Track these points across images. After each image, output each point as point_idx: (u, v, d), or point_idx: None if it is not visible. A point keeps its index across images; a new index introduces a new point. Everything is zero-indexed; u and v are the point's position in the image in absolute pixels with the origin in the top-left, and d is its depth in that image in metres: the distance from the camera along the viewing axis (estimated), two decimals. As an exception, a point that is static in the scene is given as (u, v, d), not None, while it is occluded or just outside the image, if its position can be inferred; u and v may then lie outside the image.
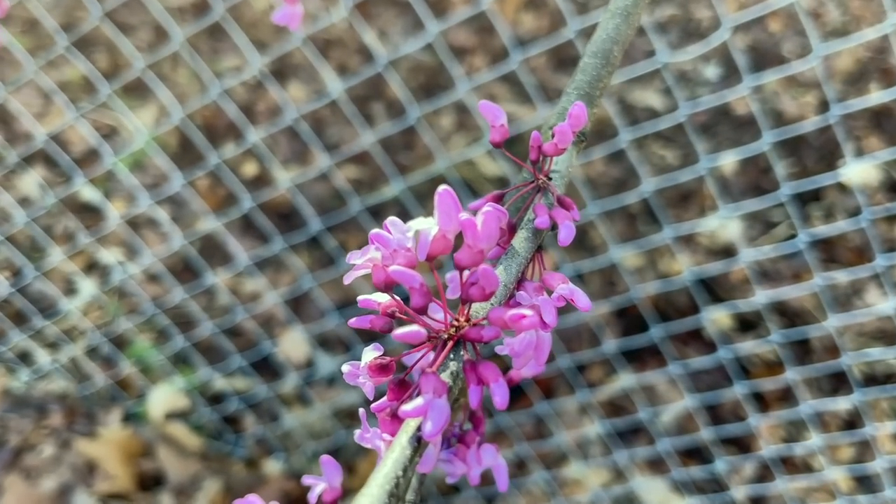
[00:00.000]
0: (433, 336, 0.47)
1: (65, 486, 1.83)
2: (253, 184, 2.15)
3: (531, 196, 0.57)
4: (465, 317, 0.47)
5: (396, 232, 0.49)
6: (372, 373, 0.47)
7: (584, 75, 0.61)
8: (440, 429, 0.41)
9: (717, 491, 1.81)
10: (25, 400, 1.99)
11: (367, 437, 0.47)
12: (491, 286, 0.45)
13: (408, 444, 0.42)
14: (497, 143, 0.58)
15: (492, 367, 0.45)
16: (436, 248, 0.48)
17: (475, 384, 0.45)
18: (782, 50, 2.38)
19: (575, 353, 1.76)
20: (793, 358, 1.65)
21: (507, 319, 0.43)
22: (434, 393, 0.42)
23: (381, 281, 0.48)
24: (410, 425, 0.43)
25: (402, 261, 0.48)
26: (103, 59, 2.36)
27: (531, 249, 0.53)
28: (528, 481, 1.88)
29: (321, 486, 0.60)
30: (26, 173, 2.11)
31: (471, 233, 0.46)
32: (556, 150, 0.55)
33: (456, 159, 1.92)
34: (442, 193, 0.46)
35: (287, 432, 1.95)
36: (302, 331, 1.95)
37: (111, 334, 1.97)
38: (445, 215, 0.47)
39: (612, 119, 1.91)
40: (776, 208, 2.03)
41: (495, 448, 0.60)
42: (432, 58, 2.39)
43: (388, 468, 0.41)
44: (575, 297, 0.50)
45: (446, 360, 0.46)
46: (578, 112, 0.54)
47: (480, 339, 0.46)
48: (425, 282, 0.46)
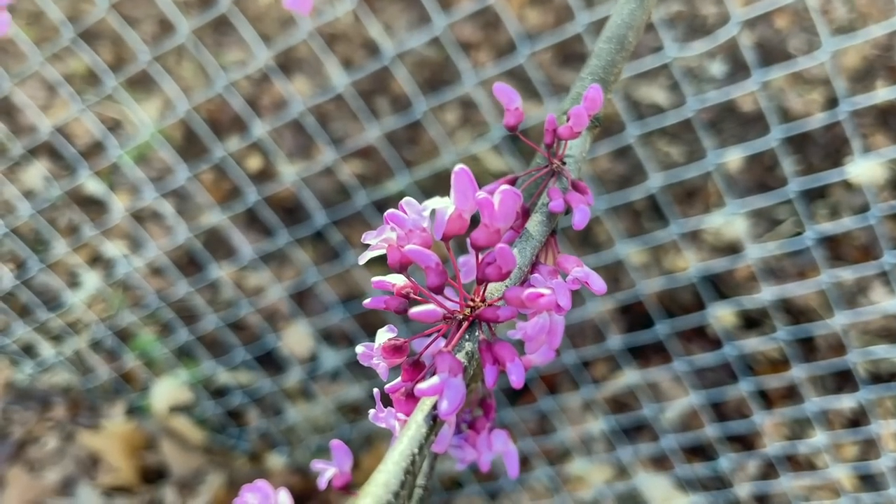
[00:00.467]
0: (448, 316, 0.47)
1: (68, 478, 1.83)
2: (258, 177, 2.14)
3: (545, 180, 0.57)
4: (481, 297, 0.47)
5: (412, 212, 0.49)
6: (386, 354, 0.47)
7: (599, 60, 0.61)
8: (456, 407, 0.41)
9: (720, 488, 1.80)
10: (29, 392, 1.99)
11: (382, 416, 0.47)
12: (508, 265, 0.45)
13: (423, 423, 0.42)
14: (512, 126, 0.58)
15: (508, 347, 0.45)
16: (452, 228, 0.48)
17: (491, 364, 0.45)
18: (789, 47, 2.37)
19: (579, 348, 1.76)
20: (798, 355, 1.64)
21: (524, 298, 0.43)
22: (450, 372, 0.42)
23: (396, 261, 0.48)
24: (426, 404, 0.43)
25: (417, 241, 0.48)
26: (108, 52, 2.36)
27: (545, 233, 0.53)
28: (531, 477, 1.88)
29: (331, 470, 0.59)
30: (31, 165, 2.11)
31: (488, 212, 0.46)
32: (571, 134, 0.55)
33: (461, 154, 1.92)
34: (459, 172, 0.46)
35: (291, 426, 1.95)
36: (306, 325, 1.95)
37: (115, 327, 1.97)
38: (462, 194, 0.47)
39: (618, 115, 1.91)
40: (781, 206, 2.02)
41: (507, 434, 0.59)
42: (438, 52, 2.39)
43: (405, 445, 0.41)
44: (590, 280, 0.50)
45: (461, 341, 0.46)
46: (594, 94, 0.54)
47: (496, 319, 0.45)
48: (441, 262, 0.46)
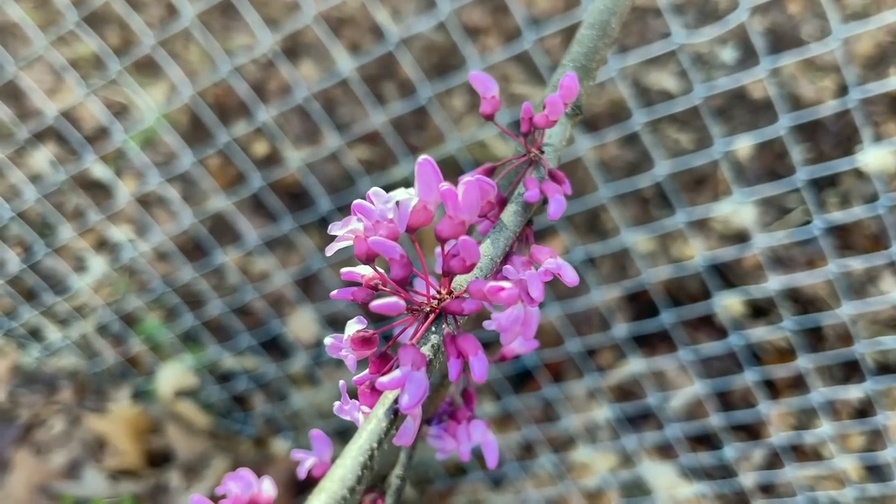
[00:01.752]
0: (415, 308, 0.46)
1: (74, 461, 1.84)
2: (264, 163, 2.14)
3: (523, 170, 0.56)
4: (447, 289, 0.46)
5: (379, 203, 0.48)
6: (354, 346, 0.46)
7: (581, 47, 0.60)
8: (417, 402, 0.41)
9: (725, 477, 1.80)
10: (36, 376, 2.00)
11: (346, 408, 0.46)
12: (472, 258, 0.44)
13: (384, 417, 0.42)
14: (488, 114, 0.57)
15: (471, 340, 0.44)
16: (416, 219, 0.47)
17: (455, 357, 0.44)
18: (801, 33, 2.34)
19: (585, 336, 1.75)
20: (805, 345, 1.63)
21: (486, 292, 0.43)
22: (413, 365, 0.42)
23: (363, 252, 0.47)
24: (388, 398, 0.43)
25: (384, 232, 0.47)
26: (116, 36, 2.35)
27: (520, 223, 0.52)
28: (536, 464, 1.88)
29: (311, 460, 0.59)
30: (37, 150, 2.11)
31: (451, 203, 0.45)
32: (546, 122, 0.54)
33: (467, 140, 1.91)
34: (422, 163, 0.45)
35: (296, 412, 1.95)
36: (311, 311, 1.94)
37: (121, 312, 1.97)
38: (425, 185, 0.46)
39: (626, 101, 1.89)
40: (790, 194, 2.00)
41: (485, 424, 0.59)
42: (445, 37, 2.37)
43: (363, 440, 0.40)
44: (562, 271, 0.49)
45: (427, 333, 0.45)
46: (569, 83, 0.53)
47: (461, 312, 0.45)
48: (406, 253, 0.45)
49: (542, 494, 1.86)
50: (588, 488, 1.86)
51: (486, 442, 0.58)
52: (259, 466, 1.88)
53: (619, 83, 1.71)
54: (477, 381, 0.43)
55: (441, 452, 0.60)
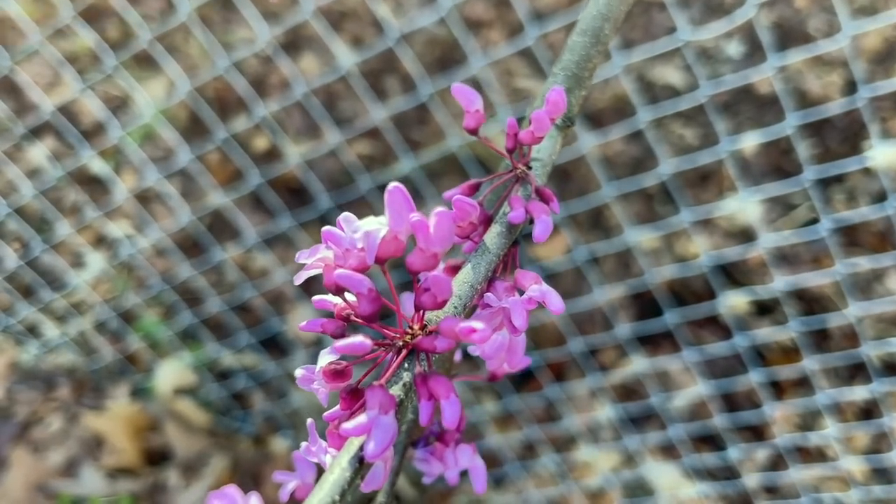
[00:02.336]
0: (387, 343, 0.44)
1: (72, 459, 1.83)
2: (263, 158, 2.12)
3: (510, 186, 0.53)
4: (420, 324, 0.44)
5: (349, 230, 0.45)
6: (326, 378, 0.44)
7: (572, 55, 0.57)
8: (384, 448, 0.38)
9: (728, 478, 1.78)
10: (34, 373, 1.99)
11: (314, 450, 0.44)
12: (443, 294, 0.42)
13: (348, 466, 0.39)
14: (472, 129, 0.54)
15: (443, 382, 0.42)
16: (385, 251, 0.44)
17: (426, 399, 0.42)
18: (808, 27, 2.31)
19: (587, 335, 1.73)
20: (810, 345, 1.61)
21: (458, 332, 0.40)
22: (380, 409, 0.39)
23: (331, 283, 0.45)
24: (354, 444, 0.40)
25: (353, 262, 0.45)
26: (115, 29, 2.33)
27: (504, 246, 0.49)
28: (537, 464, 1.86)
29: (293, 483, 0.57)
30: (35, 145, 2.09)
31: (423, 235, 0.42)
32: (532, 139, 0.51)
33: (469, 137, 1.88)
34: (392, 191, 0.42)
35: (295, 410, 1.94)
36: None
37: (119, 309, 1.96)
38: (396, 214, 0.43)
39: (630, 97, 1.86)
40: (797, 190, 1.98)
41: (473, 448, 0.57)
42: (448, 32, 2.34)
43: (325, 493, 0.38)
44: (547, 299, 0.46)
45: (399, 370, 0.43)
46: (556, 98, 0.50)
47: (434, 350, 0.43)
48: (374, 287, 0.43)
49: (544, 494, 1.84)
50: (590, 488, 1.84)
51: (473, 467, 0.56)
52: (258, 465, 1.86)
53: (623, 78, 1.68)
54: (448, 428, 0.41)
55: (428, 476, 0.58)
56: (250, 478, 1.83)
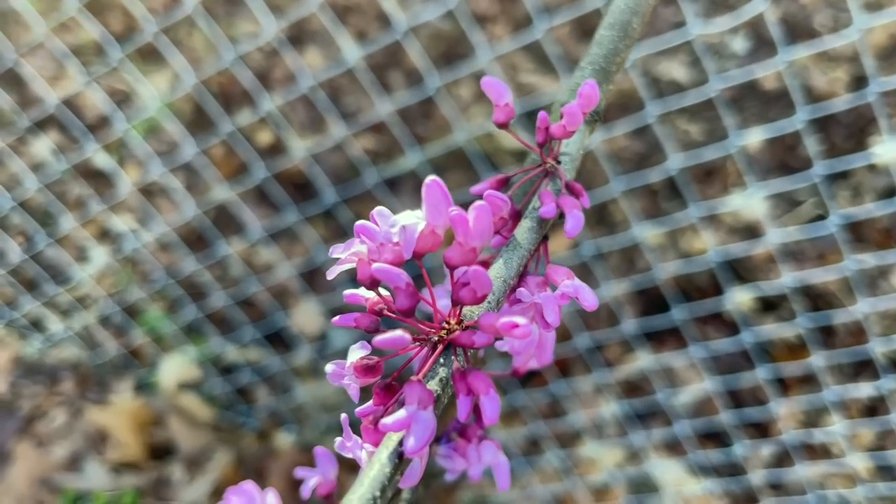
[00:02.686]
0: (422, 338, 0.43)
1: (76, 453, 1.83)
2: (268, 153, 2.11)
3: (538, 180, 0.52)
4: (457, 319, 0.43)
5: (384, 224, 0.45)
6: (358, 373, 0.43)
7: (600, 48, 0.57)
8: (424, 444, 0.38)
9: (734, 474, 1.78)
10: (38, 367, 1.98)
11: (349, 446, 0.43)
12: (483, 289, 0.41)
13: (388, 462, 0.39)
14: (502, 123, 0.53)
15: (482, 378, 0.41)
16: (423, 245, 0.44)
17: (464, 394, 0.41)
18: (814, 23, 2.30)
19: (593, 331, 1.73)
20: (816, 341, 1.60)
21: (499, 327, 0.40)
22: (419, 404, 0.39)
23: (366, 277, 0.44)
24: (392, 439, 0.40)
25: (388, 256, 0.44)
26: (119, 22, 2.32)
27: (535, 241, 0.49)
28: (542, 460, 1.86)
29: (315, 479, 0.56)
30: (39, 138, 2.09)
31: (462, 229, 0.42)
32: (564, 133, 0.51)
33: (475, 131, 1.88)
34: (430, 185, 0.42)
35: (299, 405, 1.93)
36: (316, 303, 1.92)
37: (123, 303, 1.95)
38: (434, 209, 0.42)
39: (636, 92, 1.85)
40: (802, 186, 1.97)
41: (497, 445, 0.56)
42: (454, 26, 2.34)
43: (365, 488, 0.37)
44: (580, 294, 0.46)
45: (436, 366, 0.42)
46: (590, 92, 0.49)
47: (472, 345, 0.42)
48: (412, 281, 0.42)
49: (549, 490, 1.84)
50: (595, 484, 1.84)
51: (497, 463, 0.56)
52: (262, 460, 1.86)
53: (630, 72, 1.68)
54: (488, 424, 0.40)
55: (451, 473, 0.57)
56: (254, 473, 1.83)
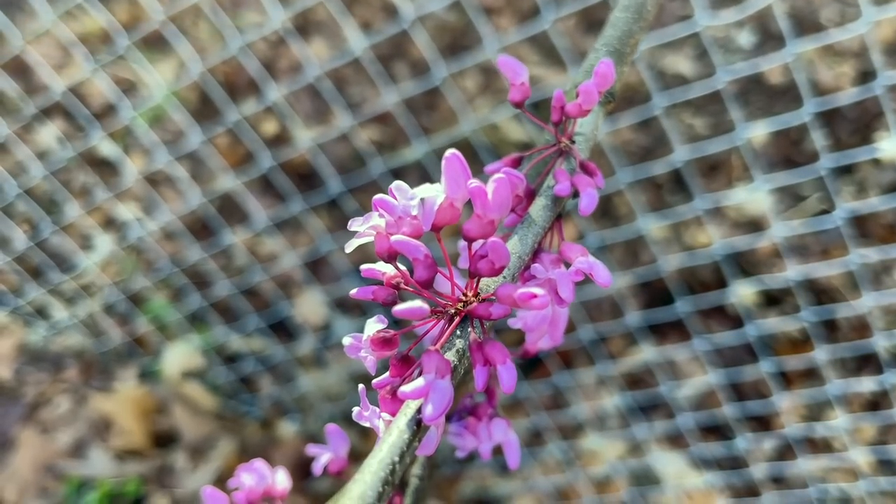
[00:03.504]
0: (439, 310, 0.43)
1: (80, 440, 1.83)
2: (273, 143, 2.11)
3: (552, 160, 0.53)
4: (474, 291, 0.44)
5: (402, 198, 0.45)
6: (374, 346, 0.44)
7: (615, 30, 0.57)
8: (442, 412, 0.38)
9: (735, 468, 1.78)
10: (42, 354, 1.99)
11: (366, 415, 0.44)
12: (501, 261, 0.41)
13: (406, 428, 0.39)
14: (517, 102, 0.54)
15: (499, 348, 0.42)
16: (442, 218, 0.44)
17: (481, 365, 0.42)
18: (821, 17, 2.29)
19: (596, 323, 1.73)
20: (820, 336, 1.61)
21: (517, 298, 0.40)
22: (437, 373, 0.39)
23: (384, 250, 0.44)
24: (410, 407, 0.40)
25: (407, 229, 0.44)
26: (125, 11, 2.32)
27: (549, 218, 0.49)
28: (544, 451, 1.87)
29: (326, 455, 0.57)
30: (45, 126, 2.09)
31: (480, 201, 0.42)
32: (579, 112, 0.51)
33: (481, 122, 1.88)
34: (450, 158, 0.42)
35: (303, 394, 1.94)
36: (320, 293, 1.93)
37: (128, 291, 1.96)
38: (453, 182, 0.43)
39: (642, 85, 1.85)
40: (806, 181, 1.97)
41: (507, 423, 0.57)
42: (459, 17, 2.33)
43: (384, 453, 0.38)
44: (594, 271, 0.46)
45: (452, 337, 0.43)
46: (605, 70, 0.49)
47: (489, 317, 0.42)
48: (430, 253, 0.43)
49: (551, 481, 1.85)
50: (596, 476, 1.84)
51: (507, 441, 0.56)
52: (265, 449, 1.87)
53: (636, 64, 1.67)
54: (506, 392, 0.40)
55: (461, 451, 0.57)
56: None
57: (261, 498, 0.61)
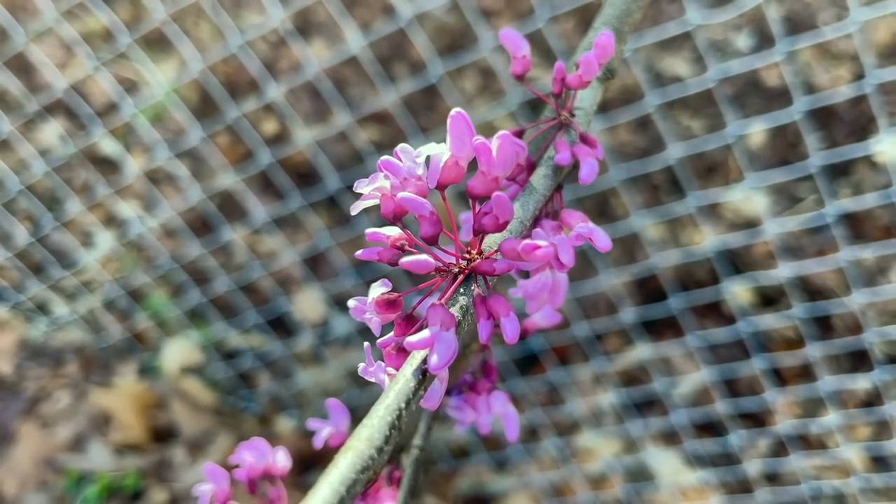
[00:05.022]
0: (444, 269, 0.44)
1: (80, 435, 1.85)
2: (273, 141, 2.13)
3: (553, 133, 0.54)
4: (478, 249, 0.45)
5: (407, 159, 0.46)
6: (379, 308, 0.45)
7: (613, 9, 0.58)
8: (447, 362, 0.39)
9: (729, 465, 1.79)
10: (43, 349, 2.00)
11: (371, 370, 0.45)
12: (505, 215, 0.42)
13: (412, 377, 0.40)
14: (518, 74, 0.55)
15: (502, 301, 0.43)
16: (447, 176, 0.45)
17: (485, 318, 0.43)
18: (818, 21, 2.31)
19: (592, 320, 1.74)
20: (813, 334, 1.62)
21: (521, 250, 0.41)
22: (442, 325, 0.40)
23: (389, 211, 0.45)
24: (416, 358, 0.41)
25: (412, 189, 0.45)
26: (126, 10, 2.34)
27: (550, 187, 0.50)
28: (540, 448, 1.88)
29: (328, 429, 0.58)
30: (47, 123, 2.11)
31: (485, 158, 0.43)
32: (580, 83, 0.52)
33: (478, 121, 1.89)
34: (455, 116, 0.43)
35: (301, 390, 1.96)
36: (318, 290, 1.94)
37: (128, 287, 1.97)
38: (458, 140, 0.44)
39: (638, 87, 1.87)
40: (803, 182, 1.98)
41: (507, 396, 0.58)
42: (457, 19, 2.35)
43: (391, 399, 0.39)
44: (594, 236, 0.48)
45: (456, 295, 0.44)
46: (605, 41, 0.51)
47: (492, 272, 0.43)
48: (435, 211, 0.44)
49: (546, 478, 1.86)
50: (592, 473, 1.85)
51: (506, 414, 0.57)
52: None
53: (634, 67, 1.69)
54: (509, 343, 0.41)
55: (461, 424, 0.59)
56: (255, 456, 1.85)
57: (261, 475, 0.62)
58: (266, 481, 0.66)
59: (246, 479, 0.63)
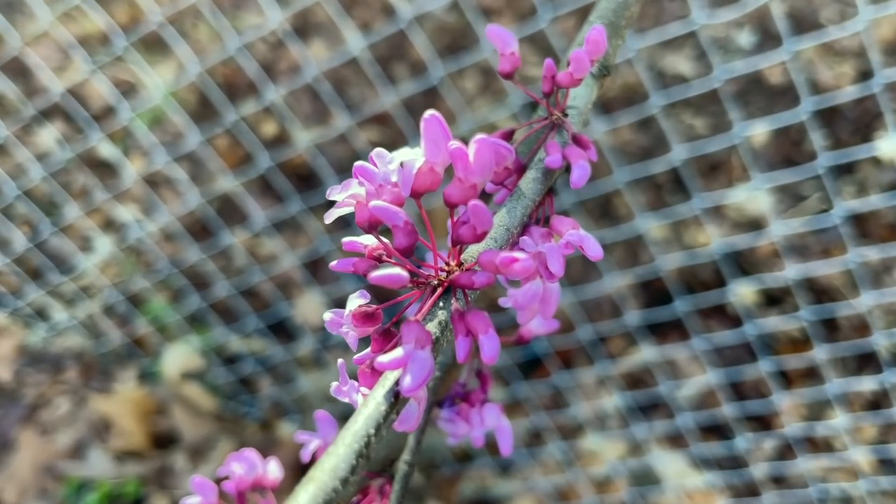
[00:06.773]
0: (422, 282, 0.42)
1: (80, 441, 1.83)
2: (272, 143, 2.11)
3: (545, 134, 0.51)
4: (457, 261, 0.42)
5: (382, 165, 0.43)
6: (356, 322, 0.42)
7: (609, 2, 0.55)
8: (420, 384, 0.37)
9: (736, 468, 1.78)
10: (42, 355, 1.99)
11: (345, 390, 0.42)
12: (483, 225, 0.40)
13: (383, 400, 0.38)
14: (507, 73, 0.52)
15: (481, 317, 0.40)
16: (421, 182, 0.42)
17: (463, 335, 0.40)
18: (821, 18, 2.29)
19: (596, 323, 1.73)
20: (820, 335, 1.60)
21: (498, 263, 0.38)
22: (416, 344, 0.38)
23: (364, 220, 0.43)
24: (389, 379, 0.39)
25: (388, 197, 0.43)
26: (124, 13, 2.32)
27: (540, 191, 0.48)
28: (544, 452, 1.86)
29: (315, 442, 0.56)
30: (44, 128, 2.09)
31: (462, 164, 0.40)
32: (571, 81, 0.49)
33: (479, 122, 1.88)
34: (428, 119, 0.40)
35: (302, 395, 1.94)
36: (319, 293, 1.92)
37: (127, 292, 1.96)
38: (432, 144, 0.41)
39: (641, 86, 1.85)
40: (806, 181, 1.97)
41: (499, 408, 0.56)
42: (456, 19, 2.33)
43: (359, 425, 0.37)
44: (585, 244, 0.45)
45: (434, 308, 0.41)
46: (597, 37, 0.48)
47: (472, 286, 0.41)
48: (411, 220, 0.41)
49: (550, 481, 1.84)
50: (596, 476, 1.84)
51: (499, 427, 0.55)
52: (265, 449, 1.86)
53: (636, 65, 1.67)
54: (487, 363, 0.39)
55: (452, 437, 0.57)
56: (257, 462, 1.83)
57: (251, 487, 0.61)
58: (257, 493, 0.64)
59: (235, 492, 0.61)
